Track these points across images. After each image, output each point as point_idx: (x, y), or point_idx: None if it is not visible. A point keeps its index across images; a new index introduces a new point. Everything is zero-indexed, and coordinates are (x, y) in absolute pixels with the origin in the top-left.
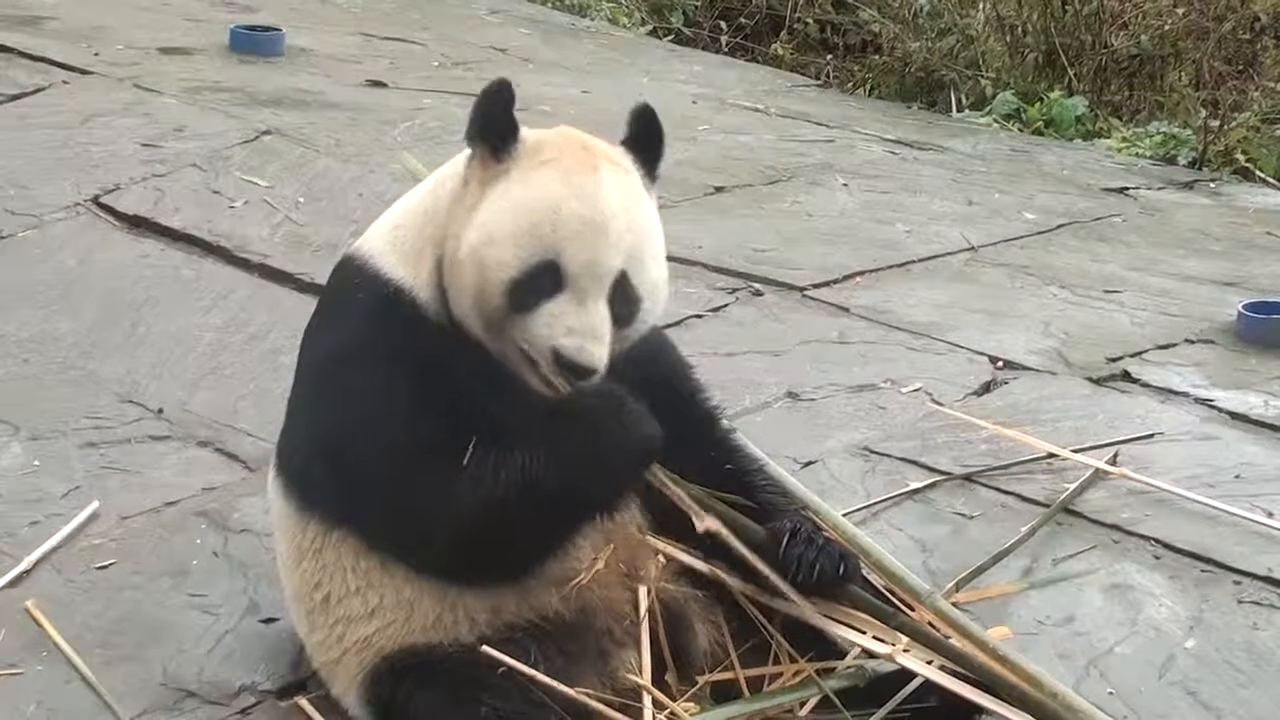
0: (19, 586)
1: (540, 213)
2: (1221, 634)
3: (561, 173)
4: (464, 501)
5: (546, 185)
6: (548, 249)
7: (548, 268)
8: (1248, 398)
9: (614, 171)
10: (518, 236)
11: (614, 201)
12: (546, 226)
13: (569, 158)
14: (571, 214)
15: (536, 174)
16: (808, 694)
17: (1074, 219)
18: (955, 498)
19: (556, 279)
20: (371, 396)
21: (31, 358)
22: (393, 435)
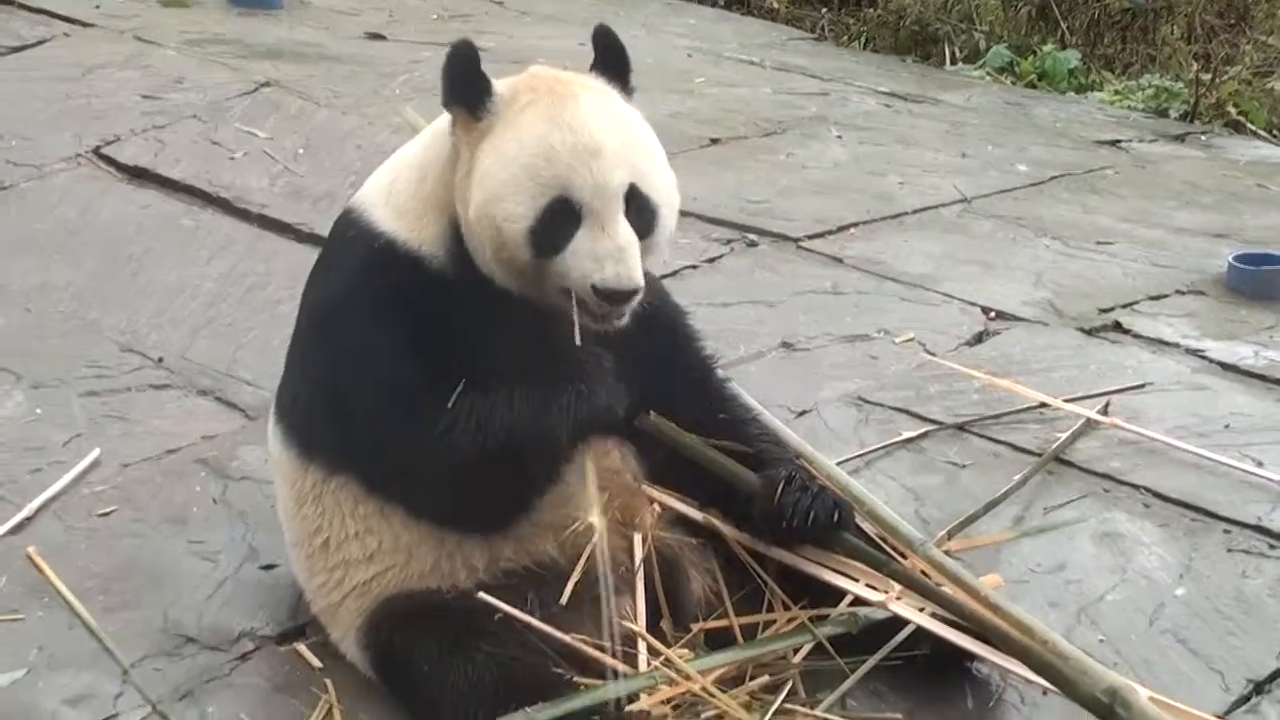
0: (21, 533)
1: (533, 155)
2: (1211, 582)
3: (542, 111)
4: (453, 442)
5: (531, 128)
6: (553, 187)
7: (560, 205)
8: (1238, 348)
9: (592, 94)
10: (519, 185)
11: (601, 121)
12: (543, 166)
13: (545, 96)
14: (564, 145)
15: (519, 120)
16: (801, 641)
17: (1066, 171)
18: (948, 447)
19: (572, 213)
20: (366, 344)
21: (33, 307)
22: (386, 381)
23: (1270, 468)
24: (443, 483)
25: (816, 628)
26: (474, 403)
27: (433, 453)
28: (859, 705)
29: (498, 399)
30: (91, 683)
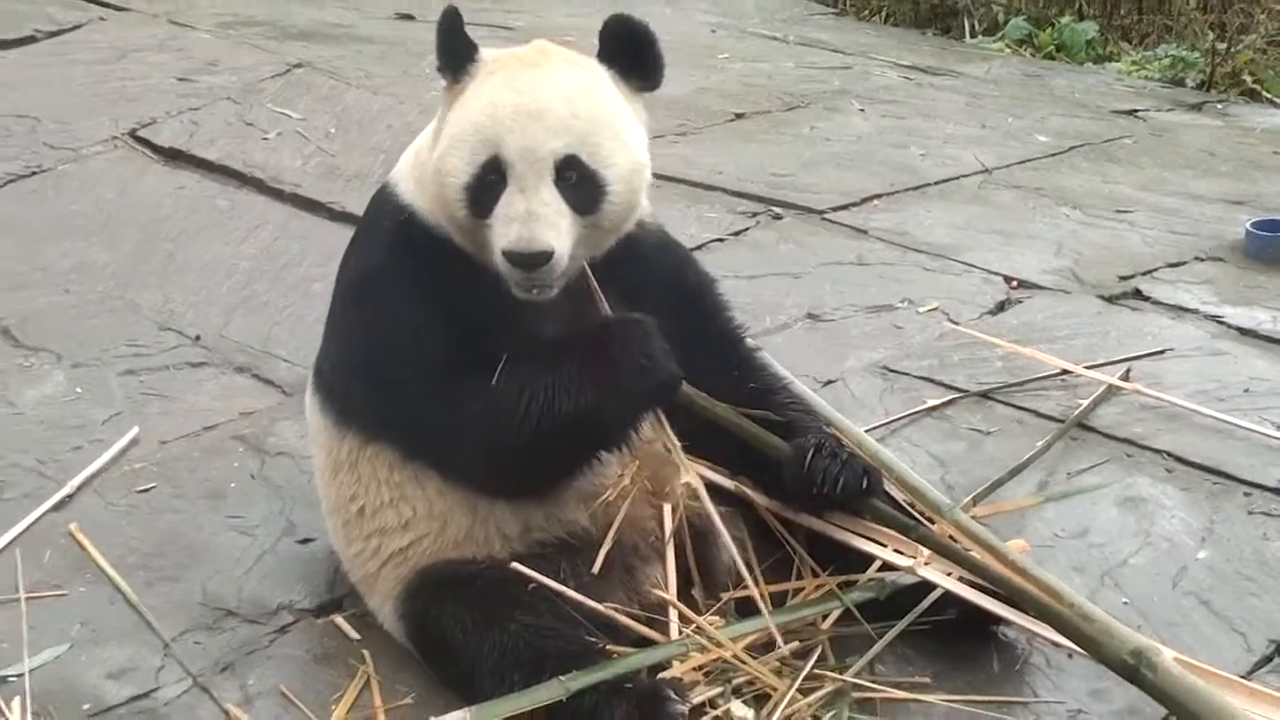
0: (63, 510)
1: (481, 112)
2: (1232, 545)
3: (505, 76)
4: (487, 418)
5: (490, 89)
6: (489, 144)
7: (493, 165)
8: (1255, 314)
9: (564, 66)
10: (464, 140)
11: (553, 89)
12: (485, 123)
13: (516, 63)
14: (507, 105)
15: (484, 83)
16: (830, 607)
17: (1085, 141)
18: (972, 414)
19: (501, 174)
20: (398, 314)
21: (72, 287)
22: (418, 352)
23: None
24: (482, 457)
25: (845, 594)
26: (524, 383)
27: (472, 429)
28: (887, 670)
29: (551, 379)
30: (133, 656)
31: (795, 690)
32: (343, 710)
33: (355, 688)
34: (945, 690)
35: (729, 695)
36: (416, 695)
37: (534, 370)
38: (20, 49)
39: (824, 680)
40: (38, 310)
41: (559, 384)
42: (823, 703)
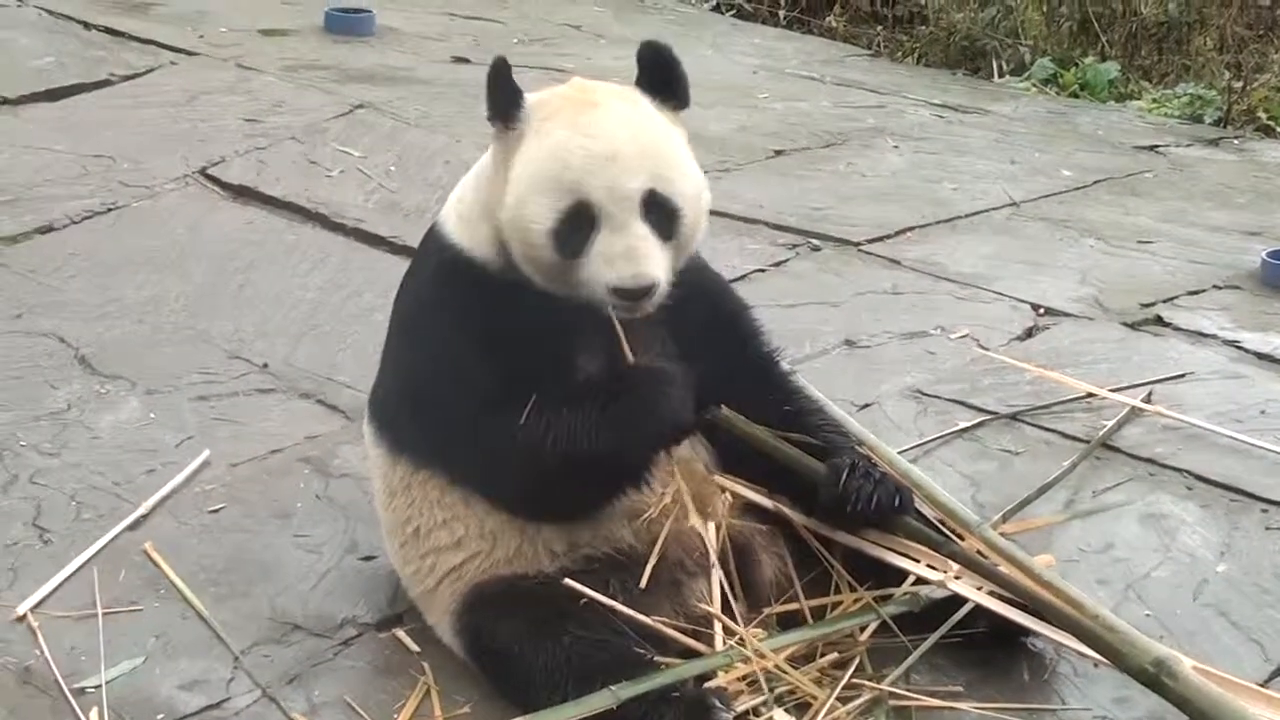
0: (138, 530)
1: (554, 159)
2: (1250, 559)
3: (564, 119)
4: (518, 453)
5: (554, 134)
6: (571, 190)
7: (579, 208)
8: (1271, 339)
9: (616, 102)
10: (542, 188)
11: (618, 128)
12: (561, 170)
13: (569, 104)
14: (581, 150)
15: (544, 128)
16: (867, 620)
17: (1108, 175)
18: (1001, 435)
19: (590, 217)
20: (444, 347)
21: (146, 318)
22: (461, 384)
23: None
24: (515, 486)
25: (881, 607)
26: (548, 421)
27: (507, 460)
28: (922, 679)
29: (573, 421)
30: (205, 669)
31: (834, 699)
32: (405, 717)
33: (416, 698)
34: (977, 698)
35: (771, 704)
36: (474, 705)
37: (560, 411)
38: (96, 92)
39: (862, 689)
40: (114, 339)
41: (580, 425)
42: (861, 710)
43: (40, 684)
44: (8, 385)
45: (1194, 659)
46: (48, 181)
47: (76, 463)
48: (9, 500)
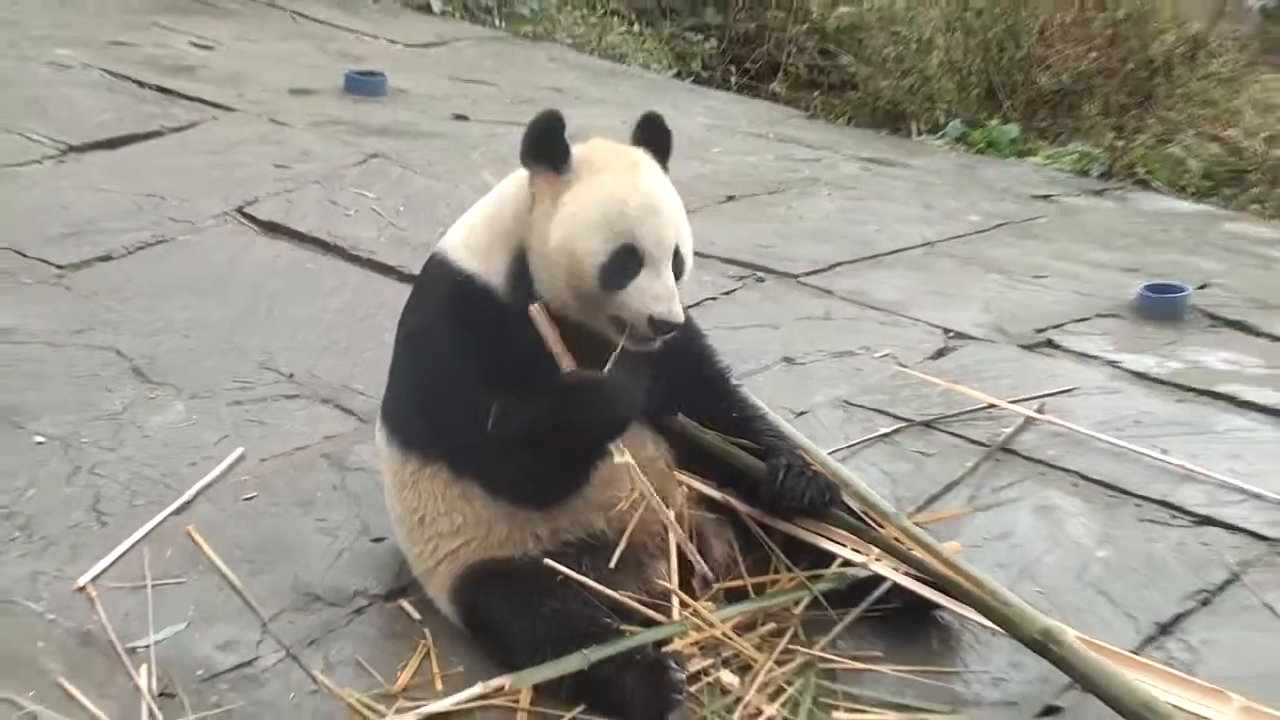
0: (182, 514)
1: (612, 207)
2: (1125, 546)
3: (618, 174)
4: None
5: (608, 186)
6: (624, 235)
7: (627, 249)
8: (1145, 360)
9: (650, 167)
10: (598, 229)
11: (660, 191)
12: (617, 217)
13: (615, 163)
14: (637, 205)
15: (597, 179)
16: (801, 595)
17: (1009, 220)
18: (916, 440)
19: (636, 258)
20: (450, 360)
21: (190, 334)
22: (461, 393)
23: (1172, 455)
24: (511, 470)
25: (813, 585)
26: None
27: (504, 448)
28: (847, 646)
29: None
30: (237, 632)
31: (772, 661)
32: (406, 676)
33: (417, 658)
34: (894, 662)
35: (719, 665)
36: (467, 665)
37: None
38: (149, 141)
39: (796, 654)
40: (162, 353)
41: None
42: (794, 672)
43: (97, 645)
44: (72, 391)
45: (1077, 630)
46: (106, 217)
47: (129, 457)
48: (72, 488)
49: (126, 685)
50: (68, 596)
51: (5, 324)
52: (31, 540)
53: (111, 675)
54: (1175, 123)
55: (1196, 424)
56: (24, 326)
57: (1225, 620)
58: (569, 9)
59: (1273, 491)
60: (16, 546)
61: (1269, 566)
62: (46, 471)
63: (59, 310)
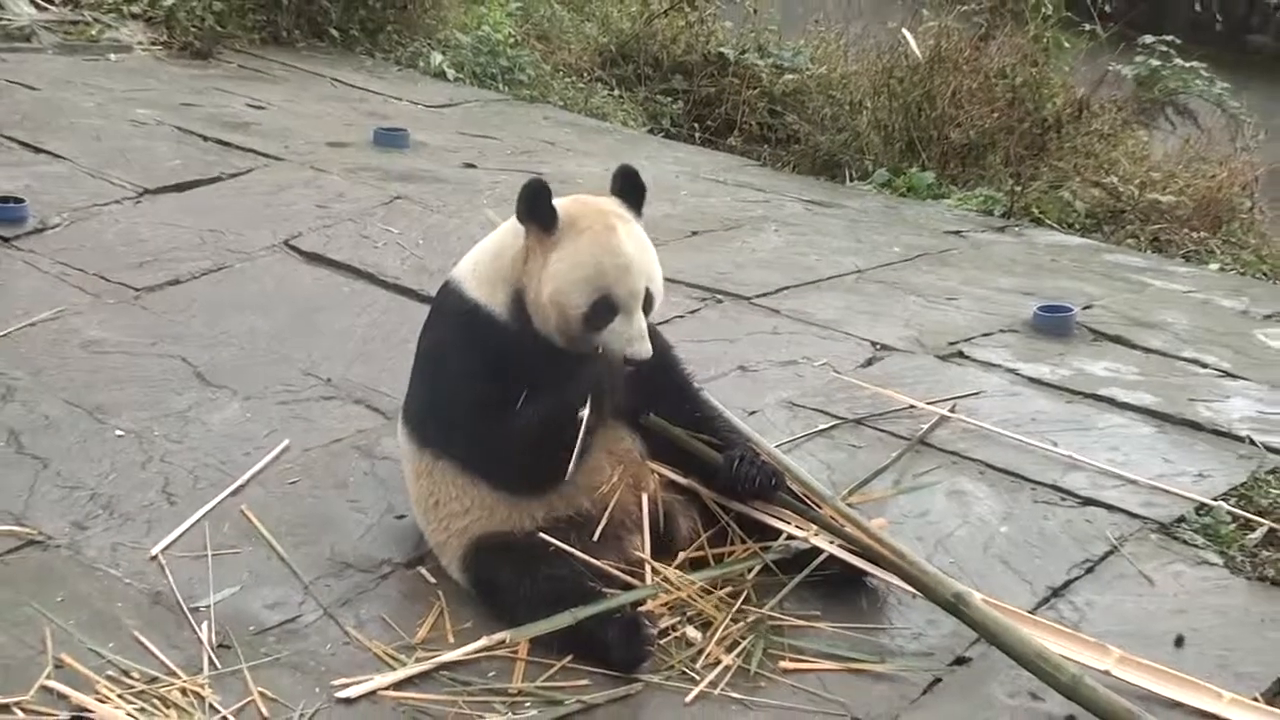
0: (237, 496)
1: (591, 267)
2: (1023, 523)
3: (595, 237)
4: (513, 433)
5: (588, 248)
6: (601, 289)
7: (604, 301)
8: (1039, 368)
9: (624, 224)
10: (579, 286)
11: (632, 247)
12: (595, 276)
13: (595, 224)
14: (611, 265)
15: (579, 240)
16: (753, 564)
17: (926, 252)
18: (849, 435)
19: (612, 306)
20: (460, 374)
21: (245, 346)
22: (470, 396)
23: (1061, 447)
24: (508, 460)
25: (763, 555)
26: (528, 408)
27: (502, 442)
28: (791, 606)
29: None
30: (283, 594)
31: (729, 619)
32: (424, 631)
33: (432, 616)
34: (830, 620)
35: (684, 622)
36: (474, 622)
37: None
38: (211, 185)
39: (748, 613)
40: (221, 360)
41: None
42: (748, 628)
43: (166, 604)
44: (146, 392)
45: (983, 593)
46: (175, 249)
47: (194, 447)
48: (146, 473)
49: (190, 638)
50: (142, 564)
51: (93, 336)
52: (113, 517)
53: (179, 630)
54: (1064, 171)
55: (1082, 421)
56: (108, 339)
57: (1106, 585)
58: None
59: (1145, 478)
60: (100, 523)
61: (1141, 540)
62: (125, 459)
63: (136, 325)
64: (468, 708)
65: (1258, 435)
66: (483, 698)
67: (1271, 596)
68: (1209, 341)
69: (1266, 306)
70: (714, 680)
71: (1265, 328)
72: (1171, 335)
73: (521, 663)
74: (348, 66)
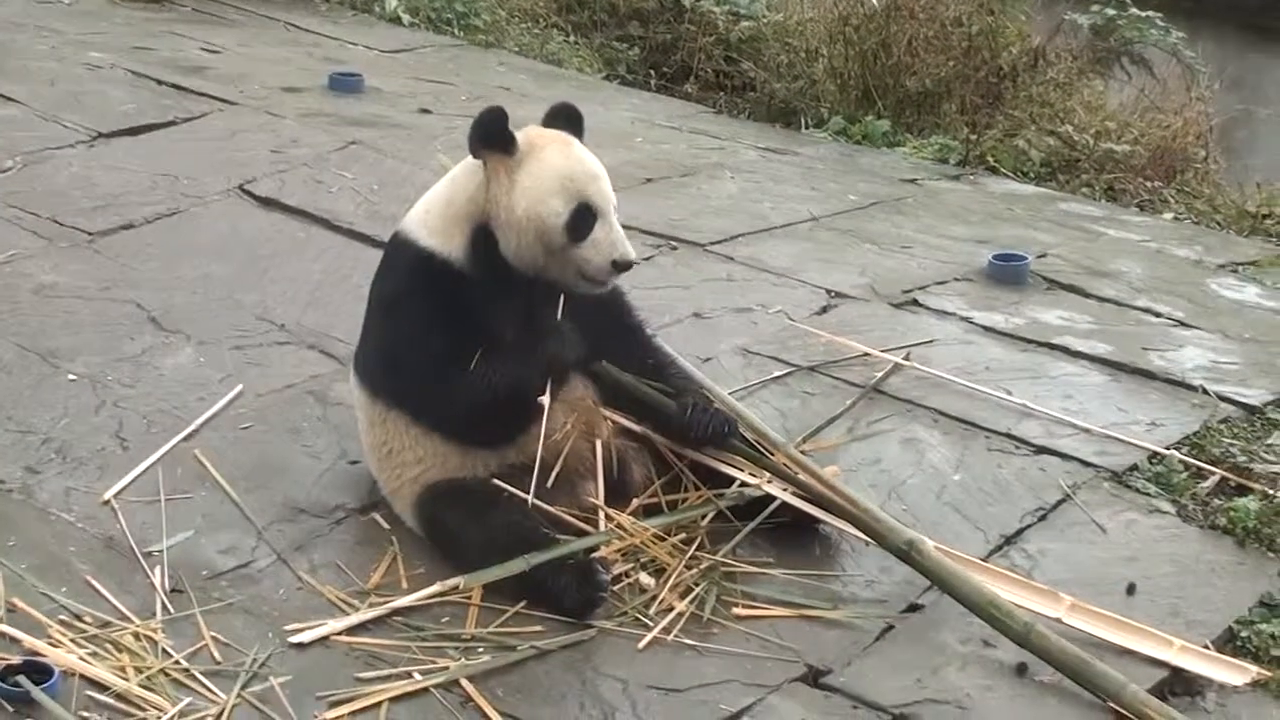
0: (190, 440)
1: (564, 174)
2: (976, 471)
3: (559, 150)
4: (469, 392)
5: (557, 160)
6: (578, 195)
7: (585, 208)
8: (993, 317)
9: (577, 143)
10: (557, 194)
11: (593, 159)
12: (570, 182)
13: (554, 142)
14: (582, 172)
15: (544, 155)
16: (706, 510)
17: (881, 200)
18: (803, 382)
19: (591, 214)
20: (412, 323)
21: (198, 291)
22: (425, 349)
23: (1015, 395)
24: (464, 418)
25: (717, 502)
26: (487, 366)
27: (457, 399)
28: (744, 553)
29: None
30: (236, 539)
31: (682, 565)
32: (377, 577)
33: (386, 561)
34: (783, 567)
35: (638, 569)
36: (427, 567)
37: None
38: (165, 129)
39: (702, 559)
40: (175, 305)
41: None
42: (701, 574)
43: (119, 549)
44: (99, 337)
45: (936, 541)
46: (129, 192)
47: (148, 392)
48: (99, 418)
49: (144, 583)
50: (95, 509)
51: (46, 281)
52: (65, 462)
53: (131, 575)
54: (1019, 120)
55: (1036, 370)
56: (61, 283)
57: (1058, 533)
58: (517, 21)
59: (1098, 426)
60: (53, 467)
61: (1094, 489)
62: (78, 404)
63: (89, 270)
64: (421, 653)
65: (1210, 385)
66: (436, 643)
67: (1222, 545)
68: (1163, 291)
69: (1220, 256)
70: (667, 626)
71: (1218, 277)
72: (1125, 284)
73: (475, 608)
74: (303, 10)
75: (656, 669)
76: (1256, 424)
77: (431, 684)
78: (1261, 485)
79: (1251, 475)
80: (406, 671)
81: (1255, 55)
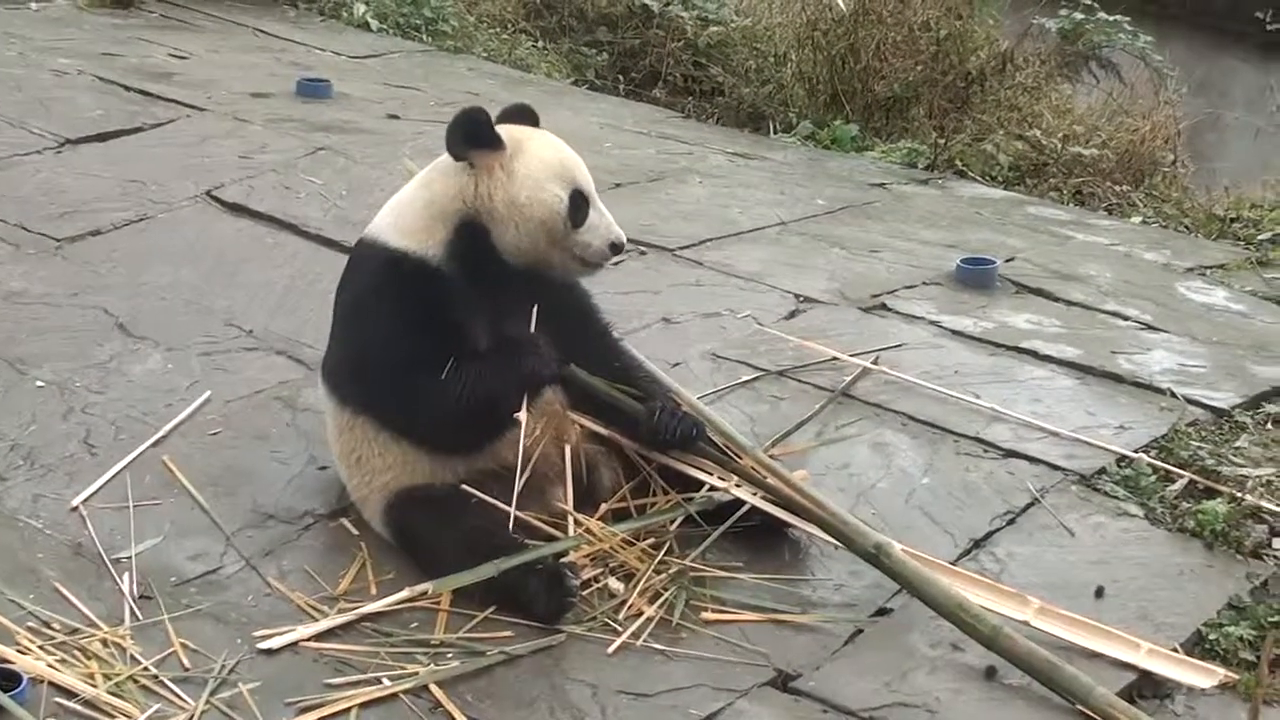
0: (158, 447)
1: (557, 164)
2: (945, 475)
3: (543, 141)
4: (440, 401)
5: (546, 150)
6: (572, 182)
7: (580, 194)
8: (962, 321)
9: (552, 134)
10: (555, 180)
11: (568, 148)
12: (562, 170)
13: (534, 135)
14: (570, 160)
15: (533, 147)
16: (676, 515)
17: (850, 204)
18: (772, 386)
19: (585, 200)
20: (381, 328)
21: (166, 296)
22: (393, 354)
23: (984, 399)
24: (432, 425)
25: (686, 506)
26: (462, 375)
27: (426, 406)
28: (714, 557)
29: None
30: (205, 545)
31: (651, 570)
32: (346, 582)
33: (355, 567)
34: (753, 571)
35: (607, 574)
36: (396, 573)
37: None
38: (133, 135)
39: (671, 564)
40: (143, 311)
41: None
42: (670, 579)
43: (88, 555)
44: (68, 343)
45: (904, 544)
46: (97, 199)
47: (116, 398)
48: (67, 425)
49: (112, 590)
50: (63, 515)
51: (13, 288)
52: (33, 468)
53: (100, 581)
54: (987, 124)
55: (1004, 374)
56: (28, 290)
57: (1027, 537)
58: (485, 27)
59: (1067, 429)
60: (21, 473)
61: (1063, 492)
62: (46, 410)
63: (57, 276)
64: (390, 659)
65: (1178, 388)
66: (405, 649)
67: (1190, 548)
68: (1131, 294)
69: (1188, 259)
70: (636, 631)
71: (1186, 280)
72: (1093, 288)
73: (444, 614)
74: (271, 17)
75: (626, 674)
76: (1224, 427)
77: (401, 690)
78: (1229, 488)
79: (1219, 478)
80: (376, 677)
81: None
